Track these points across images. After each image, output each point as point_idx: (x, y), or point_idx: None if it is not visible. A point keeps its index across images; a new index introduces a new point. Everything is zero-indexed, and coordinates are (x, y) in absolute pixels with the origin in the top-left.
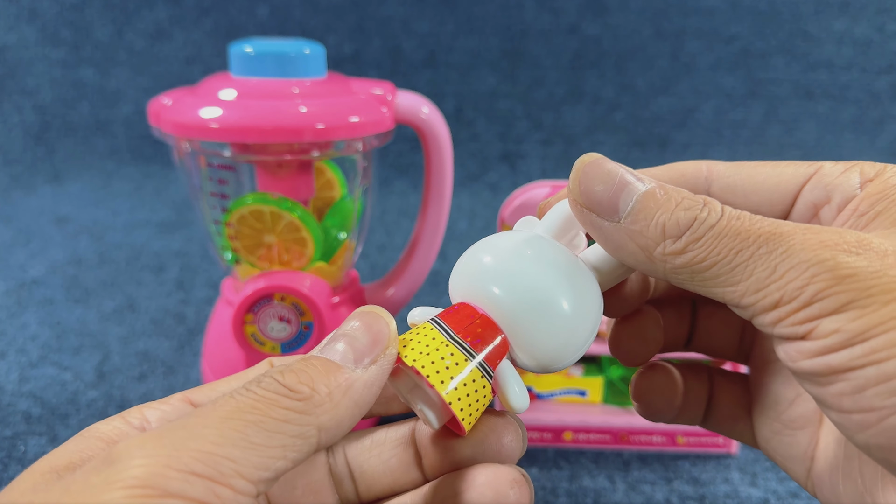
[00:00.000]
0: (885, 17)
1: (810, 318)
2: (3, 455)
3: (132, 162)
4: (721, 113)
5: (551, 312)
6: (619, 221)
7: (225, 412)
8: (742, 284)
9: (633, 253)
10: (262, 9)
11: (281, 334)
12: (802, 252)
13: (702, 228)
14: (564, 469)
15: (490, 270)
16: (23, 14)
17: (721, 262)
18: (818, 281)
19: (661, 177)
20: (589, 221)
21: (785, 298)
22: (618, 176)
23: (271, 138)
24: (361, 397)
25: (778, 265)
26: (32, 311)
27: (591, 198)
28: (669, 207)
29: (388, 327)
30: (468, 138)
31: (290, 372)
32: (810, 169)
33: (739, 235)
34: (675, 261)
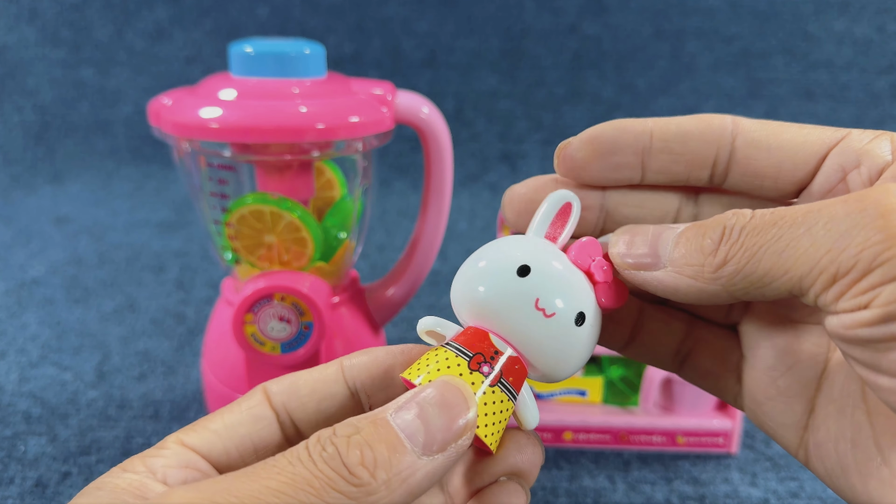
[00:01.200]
0: (885, 17)
1: (872, 286)
2: (3, 455)
3: (132, 162)
4: (721, 113)
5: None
6: (666, 266)
7: (279, 484)
8: (795, 268)
9: (689, 287)
10: (263, 9)
11: (281, 334)
12: (847, 218)
13: (734, 232)
14: (564, 469)
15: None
16: (23, 14)
17: (766, 253)
18: (871, 245)
19: (685, 124)
20: (641, 279)
21: (842, 270)
22: (650, 230)
23: (271, 138)
24: (419, 487)
25: (824, 237)
26: (32, 311)
27: (634, 256)
28: (702, 232)
29: (467, 413)
30: (468, 138)
31: (355, 446)
32: (838, 134)
33: (775, 224)
34: (724, 272)
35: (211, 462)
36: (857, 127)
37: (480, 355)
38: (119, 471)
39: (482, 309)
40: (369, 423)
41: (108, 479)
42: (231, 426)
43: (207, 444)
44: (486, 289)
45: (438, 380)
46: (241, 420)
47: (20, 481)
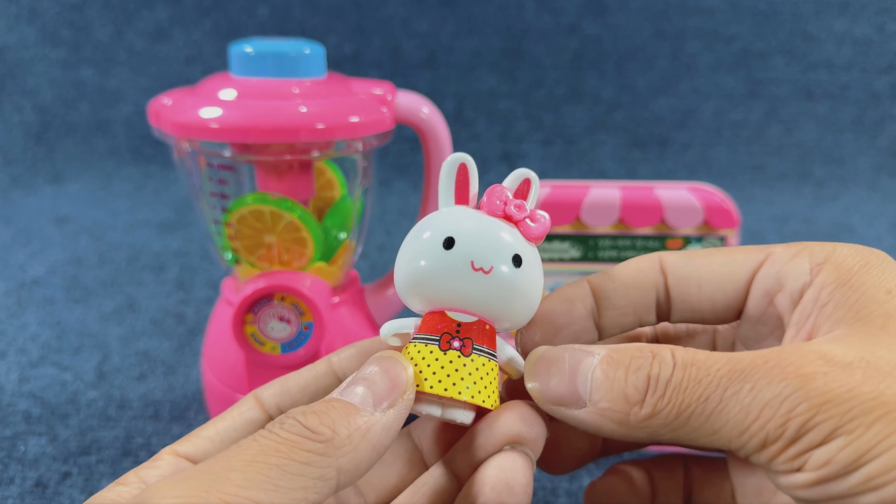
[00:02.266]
0: (885, 17)
1: (801, 452)
2: (3, 455)
3: (132, 162)
4: (721, 113)
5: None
6: (586, 405)
7: (249, 455)
8: (723, 431)
9: (613, 430)
10: (262, 9)
11: (281, 334)
12: (770, 385)
13: (660, 385)
14: None
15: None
16: (23, 14)
17: (694, 413)
18: (797, 415)
19: (620, 276)
20: (562, 415)
21: (770, 438)
22: (566, 360)
23: (271, 138)
24: (380, 440)
25: (750, 404)
26: (32, 311)
27: (552, 394)
28: (623, 374)
29: (405, 372)
30: (468, 138)
31: (311, 414)
32: (760, 255)
33: (700, 382)
34: (651, 423)
35: None
36: (856, 127)
37: (447, 334)
38: (114, 485)
39: (428, 293)
40: (320, 401)
41: (103, 493)
42: (224, 431)
43: (202, 452)
44: (423, 274)
45: (374, 356)
46: (234, 425)
47: (20, 481)
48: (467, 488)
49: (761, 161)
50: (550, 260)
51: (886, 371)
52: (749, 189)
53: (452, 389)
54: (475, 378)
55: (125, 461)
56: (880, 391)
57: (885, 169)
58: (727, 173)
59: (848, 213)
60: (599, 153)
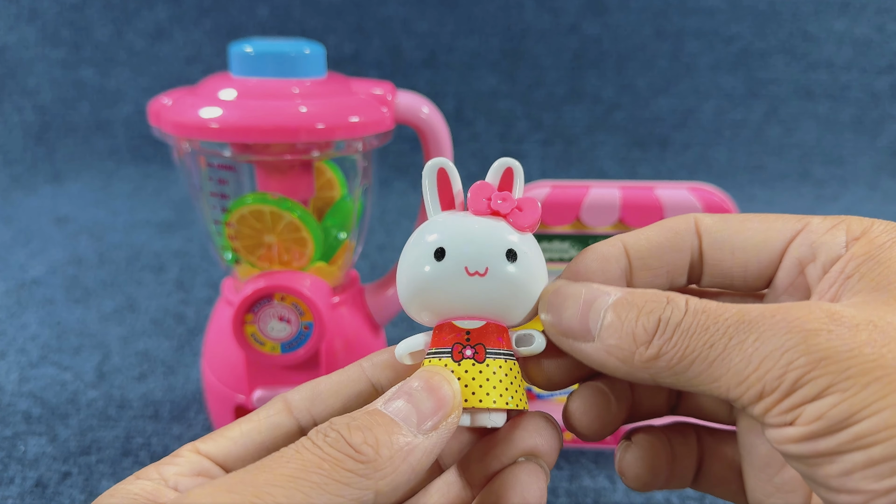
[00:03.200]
0: (885, 17)
1: (794, 406)
2: (3, 455)
3: (132, 162)
4: (721, 113)
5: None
6: (594, 341)
7: (291, 469)
8: (723, 379)
9: (616, 367)
10: (262, 9)
11: (281, 334)
12: (774, 338)
13: (669, 328)
14: (564, 469)
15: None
16: (23, 14)
17: (697, 358)
18: (794, 368)
19: (654, 237)
20: (568, 347)
21: (767, 389)
22: (582, 296)
23: (271, 138)
24: (420, 463)
25: (752, 355)
26: (32, 311)
27: (563, 325)
28: (635, 315)
29: (451, 393)
30: (468, 138)
31: (356, 430)
32: (798, 224)
33: (708, 329)
34: (655, 365)
35: (226, 469)
36: (856, 127)
37: (458, 344)
38: (133, 478)
39: (431, 307)
40: (363, 413)
41: (123, 486)
42: (248, 434)
43: (224, 452)
44: (422, 289)
45: (420, 370)
46: (259, 428)
47: (20, 481)
48: (482, 498)
49: (761, 161)
50: (550, 260)
51: (892, 335)
52: (749, 189)
53: (473, 398)
54: (494, 382)
55: (125, 461)
56: (881, 354)
57: (885, 169)
58: (727, 173)
59: (848, 214)
60: (599, 153)
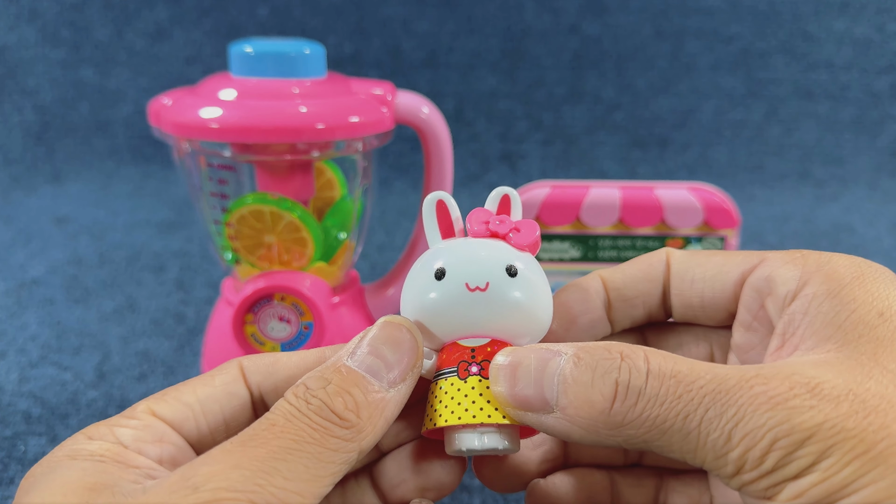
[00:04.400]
0: (885, 17)
1: (775, 483)
2: (3, 455)
3: (132, 162)
4: (721, 113)
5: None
6: (554, 412)
7: (287, 442)
8: (700, 452)
9: (583, 437)
10: (263, 9)
11: (281, 334)
12: (755, 416)
13: (631, 396)
14: None
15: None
16: (23, 14)
17: (671, 429)
18: (778, 448)
19: (628, 270)
20: (529, 420)
21: (748, 467)
22: (532, 364)
23: (271, 138)
24: (393, 415)
25: (732, 432)
26: (32, 311)
27: (519, 398)
28: (589, 378)
29: (416, 343)
30: (468, 138)
31: (335, 395)
32: (755, 259)
33: (681, 398)
34: (622, 433)
35: (182, 435)
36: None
37: (463, 362)
38: (83, 438)
39: (435, 328)
40: (334, 371)
41: (75, 445)
42: (204, 401)
43: (180, 417)
44: (425, 311)
45: (379, 320)
46: (215, 395)
47: (20, 481)
48: None
49: (761, 161)
50: (550, 260)
51: (872, 405)
52: (749, 189)
53: (481, 414)
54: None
55: None
56: (863, 427)
57: (885, 169)
58: (727, 173)
59: (848, 214)
60: (599, 153)
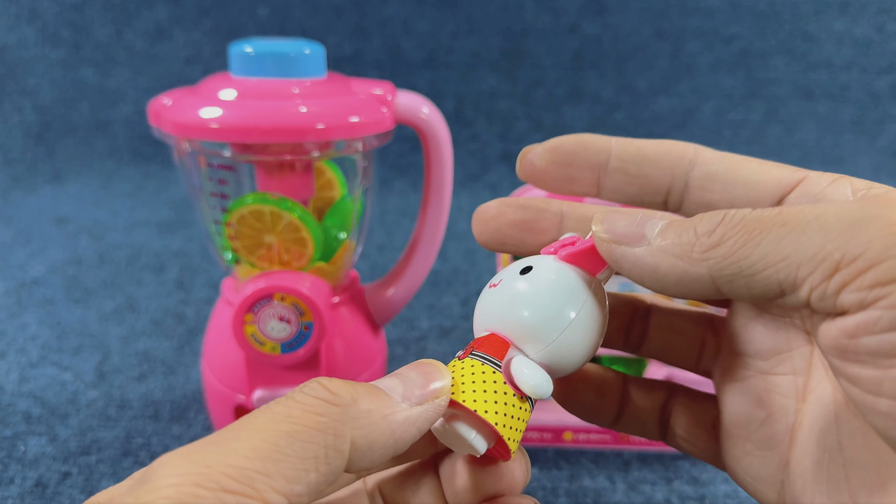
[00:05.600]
0: (885, 17)
1: (880, 280)
2: (3, 455)
3: (132, 162)
4: (721, 113)
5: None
6: (649, 244)
7: (260, 422)
8: (794, 255)
9: (671, 265)
10: (263, 9)
11: (281, 334)
12: (856, 211)
13: (735, 218)
14: (564, 469)
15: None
16: (23, 14)
17: (766, 238)
18: (884, 236)
19: (645, 148)
20: (619, 255)
21: (847, 257)
22: (639, 214)
23: (271, 138)
24: (399, 428)
25: (833, 225)
26: (32, 311)
27: (617, 231)
28: (696, 219)
29: (443, 380)
30: (468, 138)
31: (336, 381)
32: (796, 175)
33: (781, 213)
34: (716, 253)
35: None
36: (856, 127)
37: (468, 348)
38: None
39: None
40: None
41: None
42: None
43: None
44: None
45: (418, 361)
46: None
47: (20, 481)
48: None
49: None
50: None
51: None
52: None
53: (481, 406)
54: (470, 380)
55: (125, 461)
56: None
57: (884, 169)
58: None
59: None
60: None
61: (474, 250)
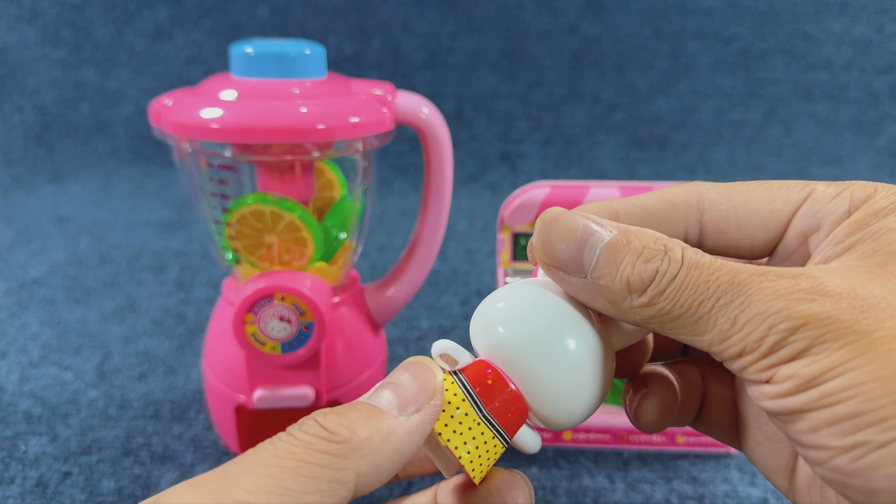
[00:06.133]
0: (885, 18)
1: (770, 365)
2: (4, 455)
3: (133, 162)
4: (721, 113)
5: (582, 380)
6: (585, 277)
7: (263, 458)
8: (707, 335)
9: (603, 306)
10: (263, 9)
11: (281, 334)
12: (759, 303)
13: (664, 281)
14: (564, 469)
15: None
16: (23, 14)
17: (686, 314)
18: (775, 332)
19: (650, 207)
20: (558, 278)
21: (747, 349)
22: (579, 230)
23: (272, 139)
24: (402, 444)
25: (737, 317)
26: (33, 310)
27: (555, 257)
28: (632, 260)
29: (434, 378)
30: (468, 138)
31: (332, 414)
32: (802, 193)
33: (699, 287)
34: (643, 313)
35: None
36: (856, 127)
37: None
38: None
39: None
40: (345, 405)
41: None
42: None
43: None
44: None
45: (406, 361)
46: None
47: (21, 481)
48: None
49: (761, 161)
50: None
51: (871, 304)
52: None
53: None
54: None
55: (125, 461)
56: (858, 320)
57: (884, 169)
58: (726, 173)
59: None
60: (599, 153)
61: (474, 250)
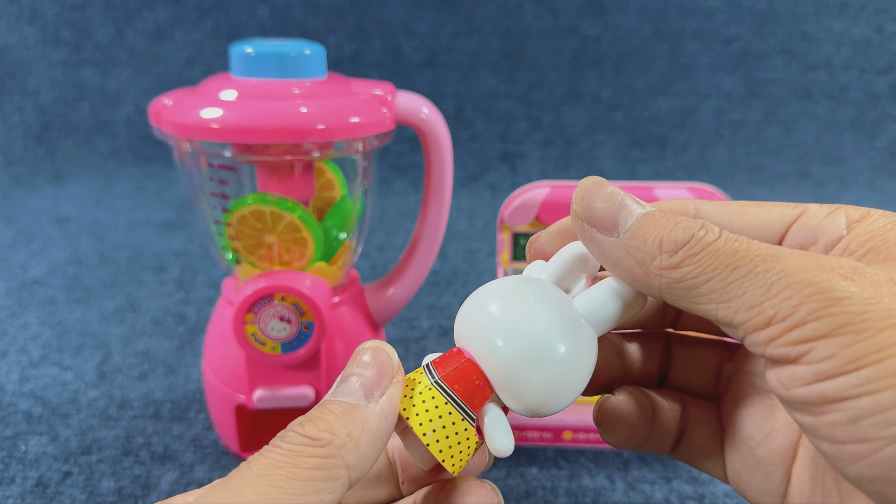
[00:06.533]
0: (885, 18)
1: (804, 338)
2: (4, 455)
3: (133, 162)
4: (720, 113)
5: (545, 360)
6: (617, 237)
7: (259, 470)
8: (736, 301)
9: (629, 267)
10: (263, 9)
11: (281, 334)
12: (799, 272)
13: (699, 245)
14: (564, 468)
15: (490, 319)
16: (24, 14)
17: (716, 277)
18: (813, 300)
19: None
20: (589, 236)
21: (779, 315)
22: (619, 197)
23: (272, 139)
24: (379, 428)
25: (774, 283)
26: (33, 310)
27: (592, 213)
28: (670, 223)
29: (390, 358)
30: (468, 138)
31: (308, 422)
32: (796, 210)
33: (737, 254)
34: (670, 275)
35: None
36: (855, 127)
37: None
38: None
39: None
40: (315, 407)
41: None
42: None
43: None
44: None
45: (360, 347)
46: None
47: (21, 481)
48: None
49: (760, 161)
50: None
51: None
52: (748, 189)
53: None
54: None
55: (126, 461)
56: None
57: (884, 169)
58: (726, 173)
59: None
60: (599, 153)
61: (474, 250)
